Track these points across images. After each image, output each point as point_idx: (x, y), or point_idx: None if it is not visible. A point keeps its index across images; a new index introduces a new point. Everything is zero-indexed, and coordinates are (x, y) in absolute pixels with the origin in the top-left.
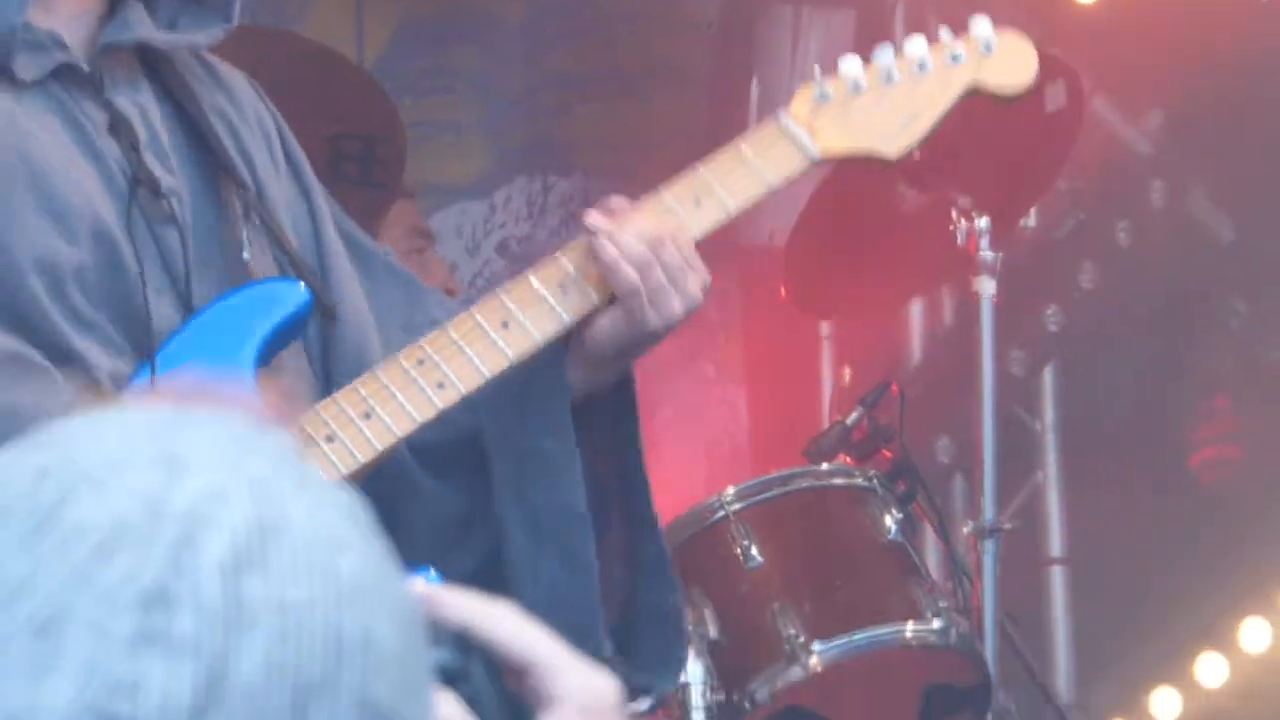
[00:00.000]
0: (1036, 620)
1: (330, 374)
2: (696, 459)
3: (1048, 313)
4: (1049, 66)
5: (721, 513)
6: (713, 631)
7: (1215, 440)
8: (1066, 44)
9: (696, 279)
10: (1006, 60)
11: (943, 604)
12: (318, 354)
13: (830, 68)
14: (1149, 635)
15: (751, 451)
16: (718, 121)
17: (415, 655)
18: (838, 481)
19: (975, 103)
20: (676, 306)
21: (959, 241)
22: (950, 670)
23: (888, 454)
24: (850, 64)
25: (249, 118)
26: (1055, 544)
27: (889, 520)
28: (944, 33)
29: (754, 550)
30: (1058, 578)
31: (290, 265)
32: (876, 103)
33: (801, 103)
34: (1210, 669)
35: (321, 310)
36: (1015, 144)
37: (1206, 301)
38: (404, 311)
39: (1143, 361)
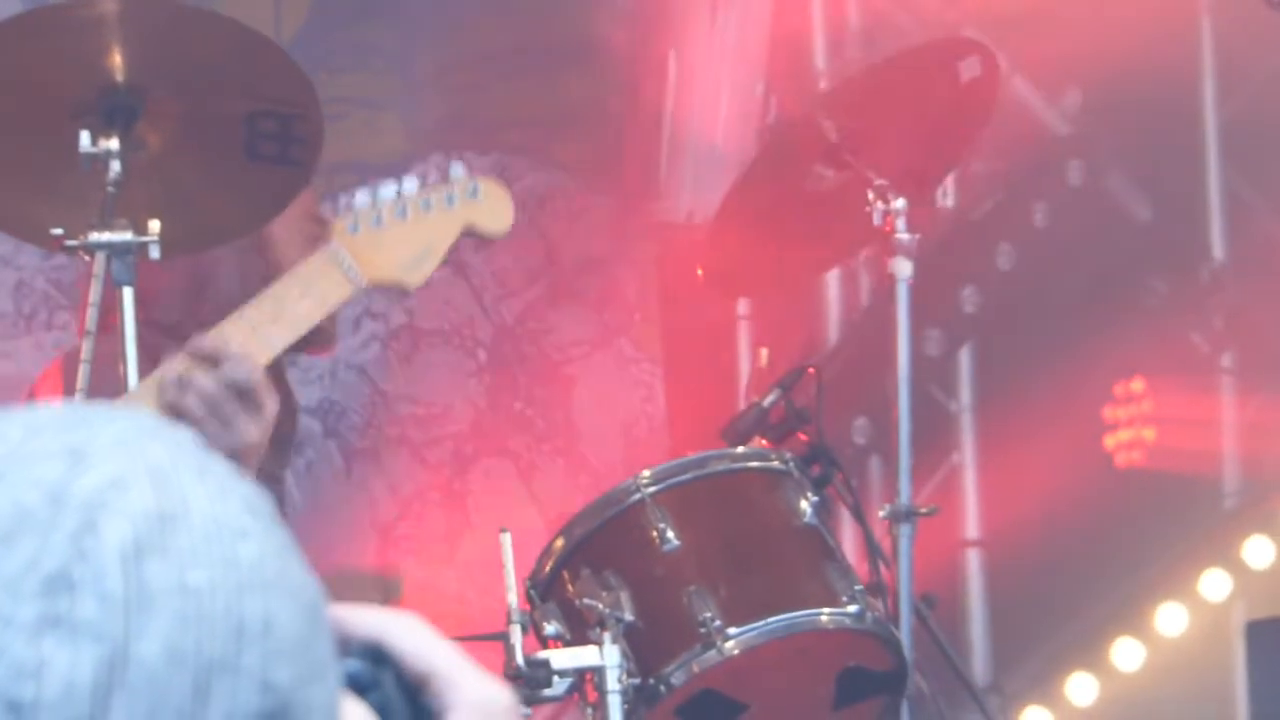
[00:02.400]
0: (953, 603)
1: None
2: (613, 438)
3: (965, 293)
4: (962, 44)
5: (637, 495)
6: (628, 615)
7: (1131, 422)
8: (985, 22)
9: (268, 404)
10: (491, 205)
11: (858, 587)
12: None
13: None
14: (1065, 619)
15: (669, 432)
16: (635, 98)
17: (317, 642)
18: (753, 464)
19: (894, 84)
20: (251, 432)
21: (875, 222)
22: (866, 654)
23: (804, 436)
24: (361, 198)
25: None
26: (971, 526)
27: (804, 504)
28: (433, 180)
29: (670, 533)
30: (974, 560)
31: None
32: (396, 235)
33: (341, 231)
34: (1126, 653)
35: None
36: (932, 122)
37: (1124, 282)
38: None
39: (1059, 342)
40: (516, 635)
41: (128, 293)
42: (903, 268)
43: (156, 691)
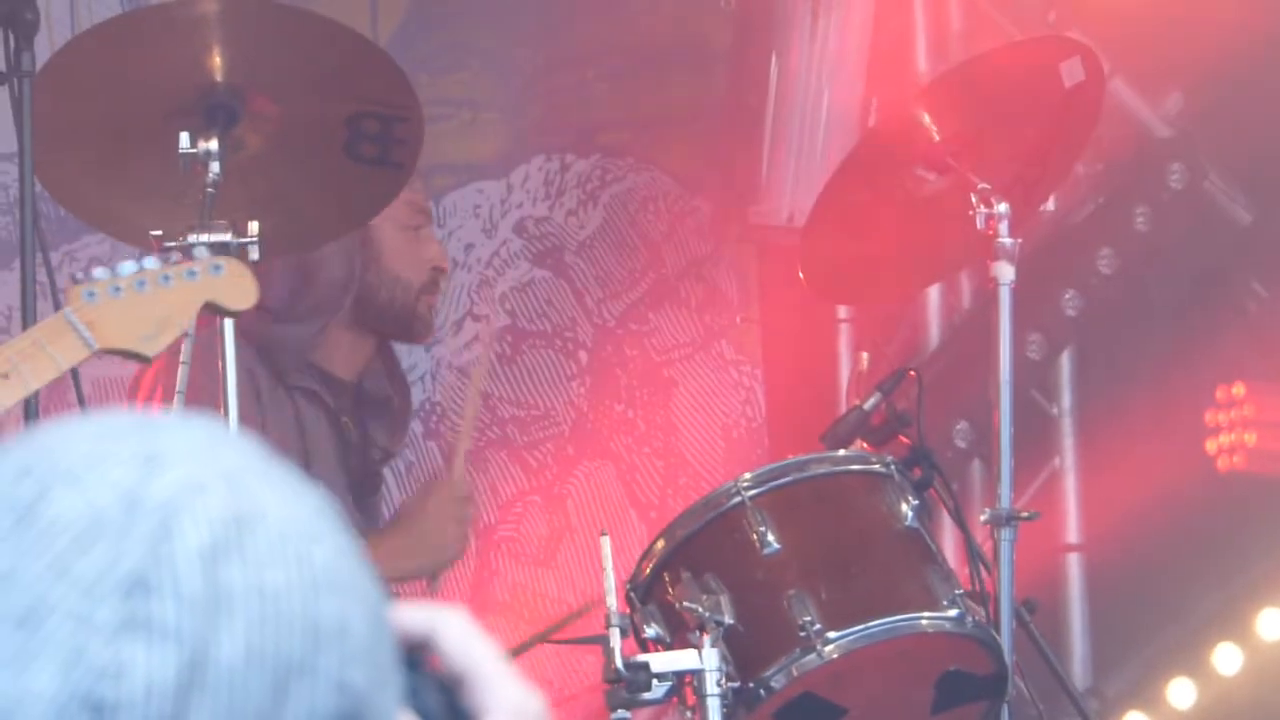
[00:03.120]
0: (1053, 607)
1: None
2: (714, 440)
3: (1066, 297)
4: (1064, 44)
5: (738, 498)
6: (728, 618)
7: (1232, 426)
8: (1086, 24)
9: None
10: (232, 283)
11: (958, 591)
12: None
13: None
14: (1166, 623)
15: (769, 434)
16: (737, 101)
17: (384, 646)
18: (854, 467)
19: (997, 86)
20: None
21: (978, 226)
22: (966, 658)
23: (904, 440)
24: (100, 271)
25: None
26: (1072, 531)
27: (905, 507)
28: (173, 256)
29: (770, 536)
30: (1074, 565)
31: None
32: (134, 307)
33: (76, 300)
34: (1226, 658)
35: None
36: (1037, 126)
37: (1225, 285)
38: None
39: (1160, 346)
40: (616, 638)
41: None
42: (1005, 272)
43: (236, 692)
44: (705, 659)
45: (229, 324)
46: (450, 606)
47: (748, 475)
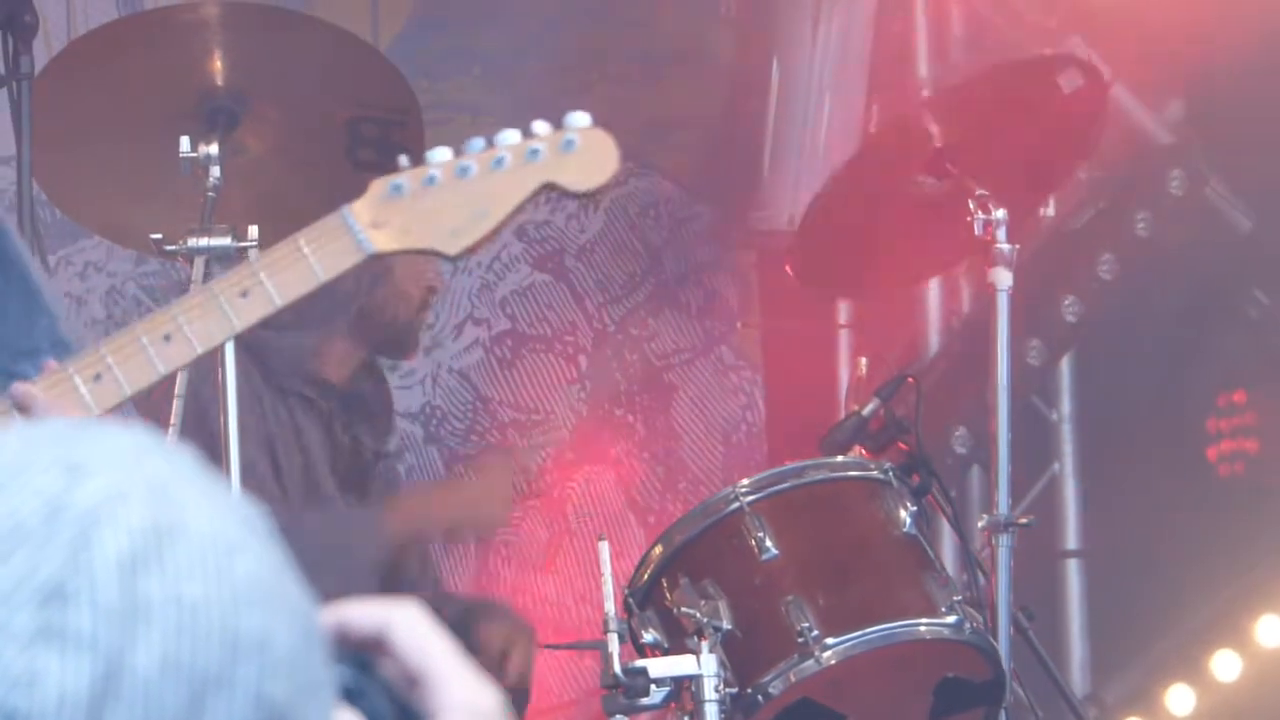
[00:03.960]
0: (1052, 614)
1: None
2: (713, 446)
3: (1066, 303)
4: (1061, 59)
5: (736, 504)
6: (726, 623)
7: (1233, 433)
8: (1088, 31)
9: None
10: (586, 158)
11: (957, 598)
12: None
13: (555, 122)
14: (1165, 630)
15: (768, 439)
16: (738, 105)
17: (313, 659)
18: (853, 474)
19: (995, 95)
20: None
21: (976, 232)
22: (964, 664)
23: (903, 446)
24: (436, 154)
25: None
26: (1071, 537)
27: (903, 513)
28: (536, 125)
29: (768, 542)
30: (1073, 571)
31: None
32: (447, 198)
33: (371, 197)
34: (1226, 665)
35: None
36: (1036, 132)
37: (1226, 292)
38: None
39: (1161, 353)
40: (614, 643)
41: None
42: (1003, 278)
43: (151, 703)
44: (703, 664)
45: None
46: (403, 603)
47: (746, 481)
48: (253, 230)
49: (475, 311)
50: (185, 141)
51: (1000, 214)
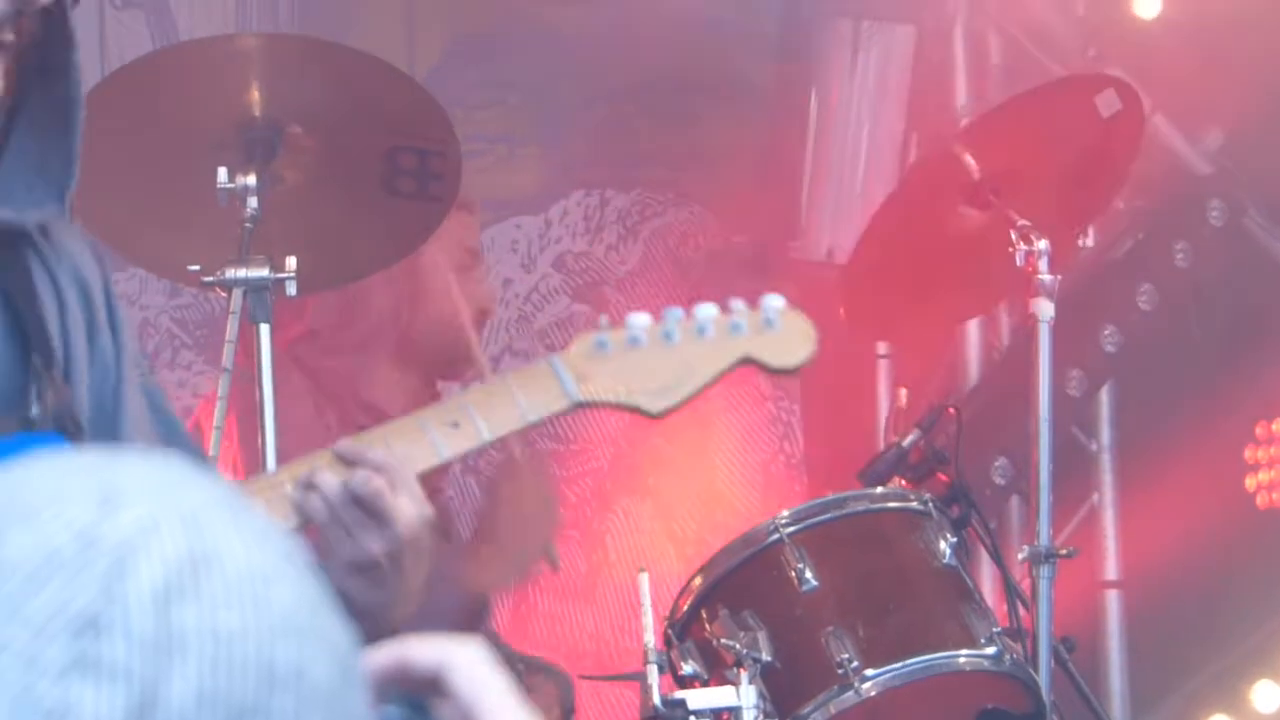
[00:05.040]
0: (1092, 644)
1: None
2: (753, 477)
3: (1105, 333)
4: (1098, 78)
5: (776, 535)
6: (766, 655)
7: (1271, 463)
8: (1126, 60)
9: (412, 510)
10: (786, 337)
11: (996, 629)
12: None
13: (651, 308)
14: (1205, 660)
15: (807, 470)
16: (776, 136)
17: (350, 693)
18: (892, 505)
19: (1034, 121)
20: (373, 545)
21: (1018, 263)
22: (1004, 696)
23: (943, 477)
24: (637, 319)
25: (68, 277)
26: (1111, 567)
27: (943, 544)
28: (735, 303)
29: (808, 574)
30: (1113, 602)
31: (72, 430)
32: (651, 359)
33: (579, 348)
34: (1266, 695)
35: None
36: (1076, 157)
37: (1265, 322)
38: None
39: (1200, 383)
40: (654, 675)
41: (264, 329)
42: (1044, 309)
43: None
44: (743, 696)
45: (265, 344)
46: (464, 641)
47: (786, 512)
48: (290, 261)
49: (514, 343)
50: (223, 172)
51: (1042, 244)
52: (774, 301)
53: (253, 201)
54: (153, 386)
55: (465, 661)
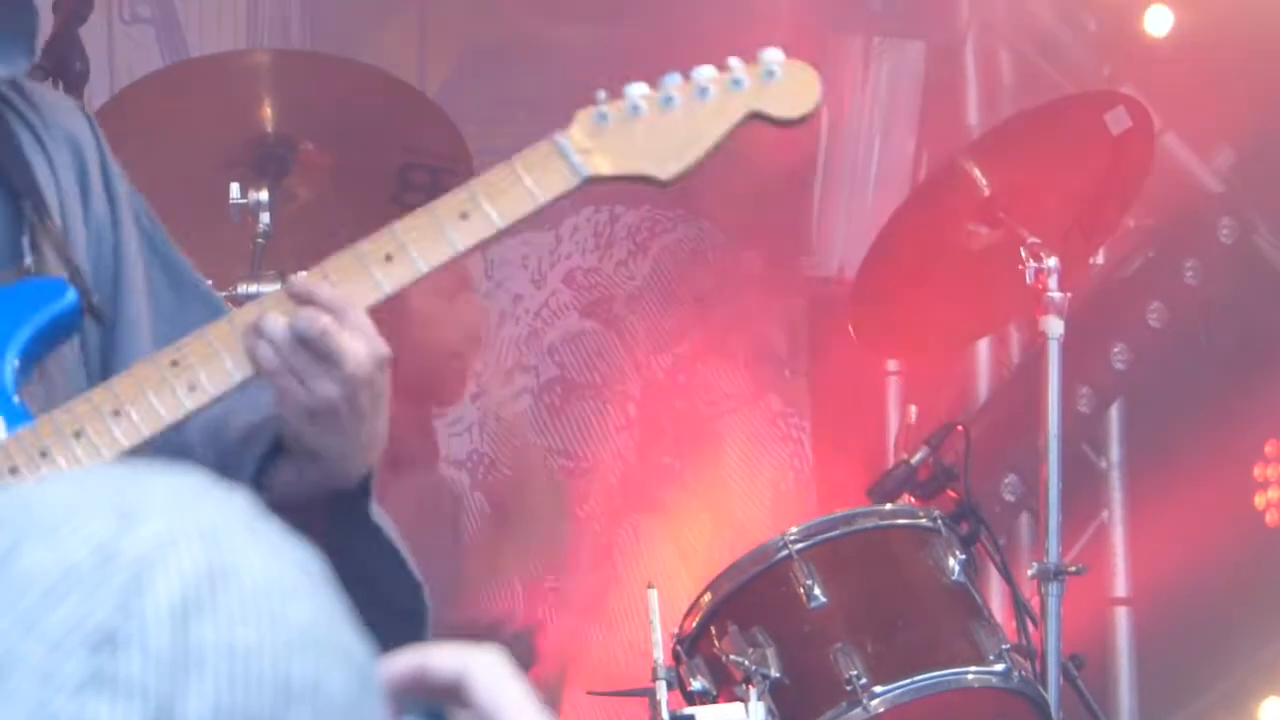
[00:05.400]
0: (1101, 661)
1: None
2: (762, 493)
3: (1115, 351)
4: (1108, 96)
5: (785, 552)
6: (774, 671)
7: None
8: (1137, 78)
9: (362, 348)
10: (789, 86)
11: (1005, 646)
12: (97, 364)
13: (653, 84)
14: (1214, 677)
15: (817, 487)
16: (787, 152)
17: (368, 706)
18: (901, 522)
19: (1043, 138)
20: (326, 389)
21: (1028, 280)
22: (1013, 713)
23: (952, 494)
24: (635, 88)
25: (58, 138)
26: (1120, 584)
27: (952, 561)
28: (732, 60)
29: (817, 590)
30: (1122, 618)
31: (73, 273)
32: (654, 126)
33: (580, 125)
34: (1274, 713)
35: (94, 314)
36: (1087, 177)
37: (1274, 340)
38: None
39: (1210, 400)
40: (662, 691)
41: None
42: (1054, 326)
43: None
44: (752, 712)
45: None
46: (484, 648)
47: (795, 529)
48: (302, 276)
49: (523, 359)
50: (235, 188)
51: (1052, 262)
52: (773, 54)
53: (265, 217)
54: (171, 255)
55: (485, 669)
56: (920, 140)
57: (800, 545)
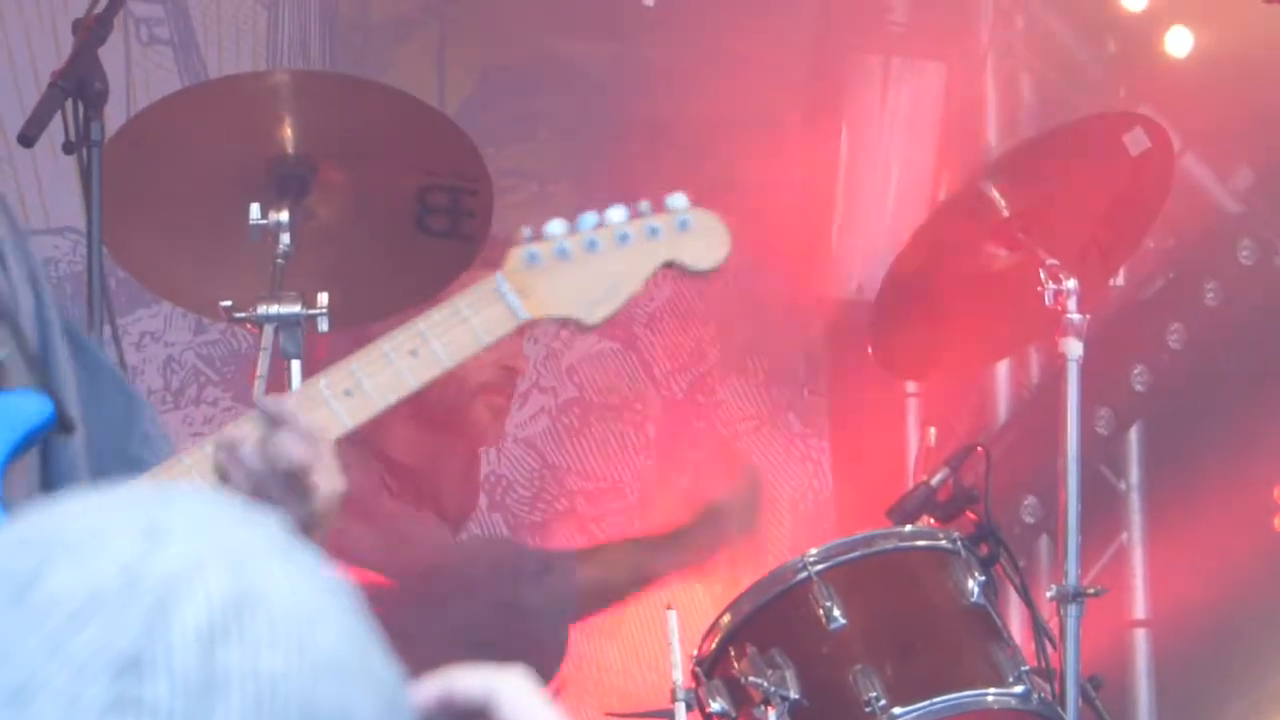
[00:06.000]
0: (1120, 683)
1: (48, 483)
2: (781, 514)
3: (1135, 372)
4: (1126, 117)
5: (804, 573)
6: (794, 693)
7: None
8: (1157, 99)
9: (330, 486)
10: (702, 236)
11: (1024, 668)
12: (37, 463)
13: (541, 227)
14: (1233, 699)
15: (836, 508)
16: (806, 173)
17: None
18: (921, 543)
19: (1063, 159)
20: (298, 512)
21: (1046, 302)
22: None
23: (972, 515)
24: (555, 226)
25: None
26: (1139, 606)
27: (971, 583)
28: (643, 204)
29: (836, 611)
30: (1142, 640)
31: (37, 374)
32: (582, 270)
33: (514, 263)
34: None
35: (65, 427)
36: (1106, 198)
37: None
38: (123, 430)
39: (1230, 422)
40: (681, 713)
41: (295, 365)
42: (1073, 348)
43: None
44: None
45: (297, 380)
46: (511, 671)
47: (814, 550)
48: (322, 297)
49: (541, 379)
50: (255, 208)
51: (1071, 284)
52: (679, 201)
53: (285, 238)
54: (79, 334)
55: (513, 692)
56: (940, 161)
57: (820, 566)
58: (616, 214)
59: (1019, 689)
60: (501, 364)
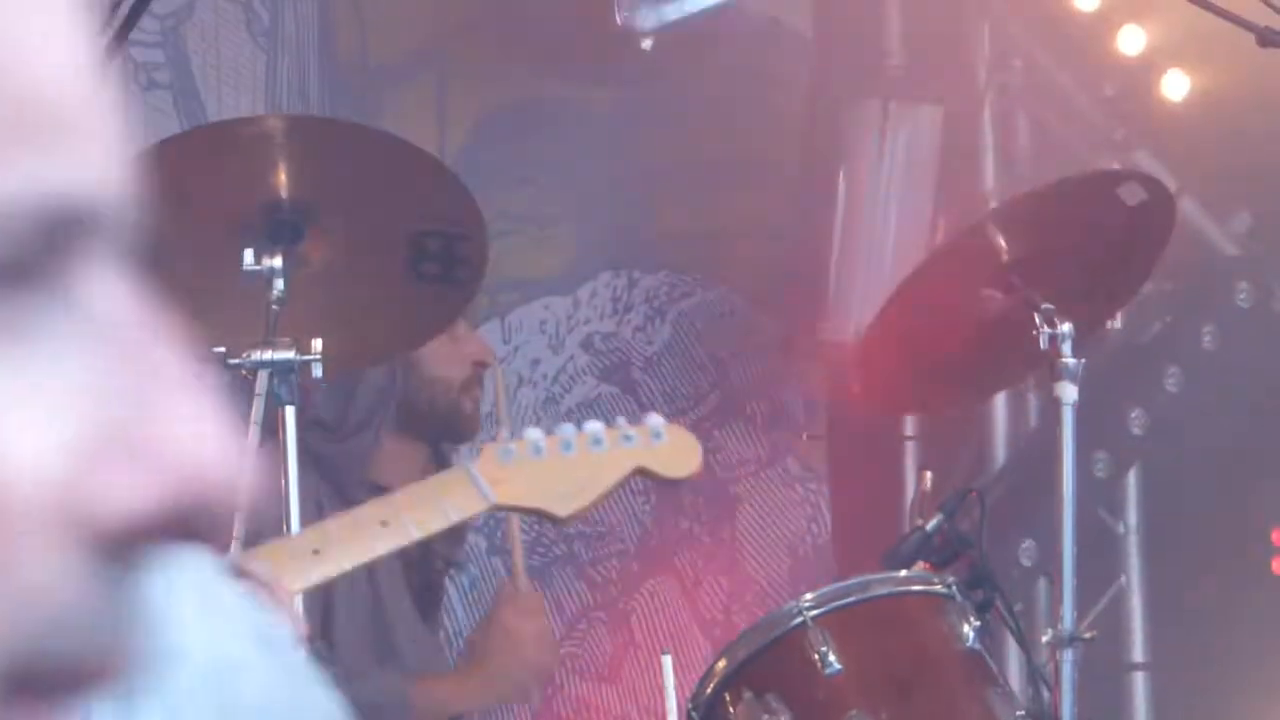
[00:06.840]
0: None
1: None
2: (779, 558)
3: (1132, 416)
4: (1120, 173)
5: (799, 618)
6: None
7: None
8: (1154, 142)
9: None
10: (674, 449)
11: (1020, 712)
12: None
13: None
14: None
15: (835, 552)
16: (804, 217)
17: None
18: (916, 588)
19: (1060, 209)
20: None
21: (1042, 346)
22: None
23: (967, 560)
24: (533, 433)
25: None
26: (1137, 650)
27: (967, 628)
28: (620, 420)
29: (831, 657)
30: (1140, 684)
31: None
32: (554, 467)
33: (488, 457)
34: None
35: None
36: (1104, 247)
37: None
38: None
39: (1227, 465)
40: None
41: (289, 412)
42: (1068, 392)
43: None
44: None
45: (291, 427)
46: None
47: (809, 595)
48: (316, 344)
49: (542, 423)
50: (249, 254)
51: (1066, 328)
52: (657, 420)
53: (279, 284)
54: None
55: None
56: (937, 205)
57: (815, 611)
58: (593, 426)
59: None
60: (474, 359)
